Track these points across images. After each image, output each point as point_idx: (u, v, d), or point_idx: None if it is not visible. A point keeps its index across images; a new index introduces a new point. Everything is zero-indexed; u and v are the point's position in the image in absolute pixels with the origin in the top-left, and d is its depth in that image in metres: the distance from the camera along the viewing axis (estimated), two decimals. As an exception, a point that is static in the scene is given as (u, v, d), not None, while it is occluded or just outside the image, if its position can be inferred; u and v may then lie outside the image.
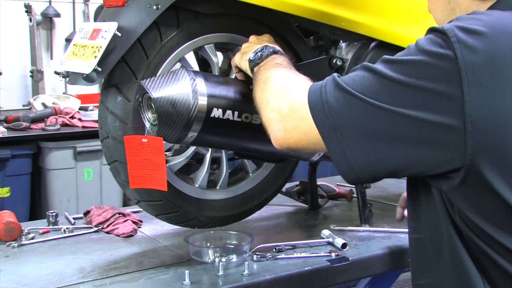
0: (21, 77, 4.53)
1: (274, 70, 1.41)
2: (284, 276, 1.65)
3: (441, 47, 1.09)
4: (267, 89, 1.36)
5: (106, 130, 1.66)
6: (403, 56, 1.13)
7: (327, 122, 1.16)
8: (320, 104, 1.17)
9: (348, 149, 1.15)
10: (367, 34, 1.83)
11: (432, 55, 1.09)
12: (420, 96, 1.09)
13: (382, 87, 1.12)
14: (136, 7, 1.56)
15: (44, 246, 1.87)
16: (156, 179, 1.59)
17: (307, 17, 1.70)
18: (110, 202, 3.72)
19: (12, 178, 3.69)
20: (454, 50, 1.07)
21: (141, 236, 1.97)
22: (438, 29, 1.11)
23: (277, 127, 1.27)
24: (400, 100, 1.10)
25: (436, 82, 1.08)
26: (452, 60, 1.07)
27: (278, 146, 1.29)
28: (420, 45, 1.11)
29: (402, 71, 1.11)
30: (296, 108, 1.24)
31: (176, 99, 1.51)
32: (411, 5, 1.90)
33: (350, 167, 1.16)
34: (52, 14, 4.55)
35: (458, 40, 1.08)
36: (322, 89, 1.19)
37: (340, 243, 1.81)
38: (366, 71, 1.16)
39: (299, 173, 2.41)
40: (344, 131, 1.15)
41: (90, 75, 1.53)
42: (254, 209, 1.95)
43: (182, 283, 1.57)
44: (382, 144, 1.13)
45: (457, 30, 1.09)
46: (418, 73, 1.09)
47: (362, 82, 1.14)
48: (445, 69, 1.07)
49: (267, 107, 1.32)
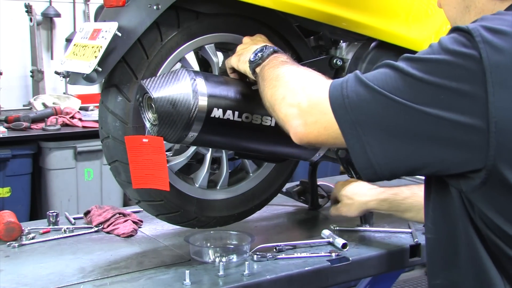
0: (22, 77, 4.54)
1: (283, 67, 1.40)
2: (284, 276, 1.65)
3: (465, 47, 1.08)
4: (281, 86, 1.34)
5: (106, 130, 1.66)
6: (426, 54, 1.12)
7: (348, 117, 1.15)
8: (340, 99, 1.17)
9: (367, 145, 1.14)
10: (368, 34, 1.83)
11: (456, 54, 1.08)
12: (443, 95, 1.08)
13: (405, 84, 1.11)
14: (136, 7, 1.56)
15: (45, 246, 1.87)
16: (158, 179, 1.59)
17: (308, 17, 1.70)
18: (111, 202, 3.72)
19: (13, 178, 3.69)
20: (479, 50, 1.06)
21: (141, 236, 1.97)
22: (463, 28, 1.10)
23: (297, 122, 1.26)
24: (423, 98, 1.09)
25: (460, 82, 1.07)
26: (476, 60, 1.06)
27: (298, 140, 1.27)
28: (444, 44, 1.10)
29: (425, 70, 1.10)
30: (316, 103, 1.23)
31: (176, 99, 1.51)
32: (412, 5, 1.90)
33: (369, 163, 1.15)
34: (53, 14, 4.55)
35: (483, 40, 1.07)
36: (343, 84, 1.18)
37: (341, 243, 1.81)
38: (388, 68, 1.15)
39: (300, 173, 2.41)
40: (364, 126, 1.14)
41: (90, 75, 1.53)
42: (254, 209, 1.95)
43: (183, 283, 1.57)
44: (403, 141, 1.12)
45: (482, 30, 1.08)
46: (441, 72, 1.09)
47: (384, 79, 1.14)
48: (470, 69, 1.07)
49: (284, 103, 1.30)
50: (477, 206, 1.14)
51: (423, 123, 1.10)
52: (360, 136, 1.14)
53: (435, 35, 1.96)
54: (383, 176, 1.17)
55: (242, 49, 1.61)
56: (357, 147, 1.15)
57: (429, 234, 1.29)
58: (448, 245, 1.24)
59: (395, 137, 1.12)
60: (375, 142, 1.14)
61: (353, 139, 1.16)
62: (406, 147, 1.12)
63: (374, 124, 1.13)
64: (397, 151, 1.13)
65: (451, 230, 1.22)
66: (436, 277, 1.29)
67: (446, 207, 1.22)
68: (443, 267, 1.26)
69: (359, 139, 1.15)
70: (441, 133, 1.09)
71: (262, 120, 1.63)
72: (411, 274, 4.37)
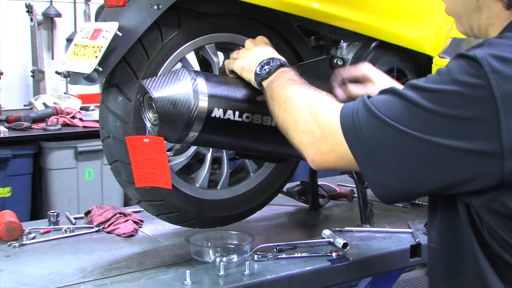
0: (22, 77, 4.53)
1: (292, 88, 1.41)
2: (285, 276, 1.65)
3: (474, 77, 1.08)
4: (292, 111, 1.35)
5: (107, 130, 1.66)
6: (435, 84, 1.12)
7: (362, 150, 1.17)
8: (354, 131, 1.18)
9: (384, 176, 1.16)
10: (368, 34, 1.84)
11: (466, 85, 1.08)
12: (456, 126, 1.09)
13: (416, 115, 1.12)
14: (137, 7, 1.56)
15: (45, 246, 1.87)
16: (160, 177, 1.59)
17: (308, 17, 1.70)
18: (111, 202, 3.72)
19: (13, 178, 3.69)
20: (489, 80, 1.07)
21: (142, 236, 1.98)
22: (471, 56, 1.10)
23: (313, 150, 1.28)
24: (435, 130, 1.10)
25: (471, 111, 1.08)
26: (486, 89, 1.07)
27: (316, 167, 1.30)
28: (453, 74, 1.10)
29: (435, 101, 1.10)
30: (329, 133, 1.24)
31: (177, 99, 1.51)
32: (412, 5, 1.90)
33: (387, 192, 1.18)
34: (53, 14, 4.54)
35: (492, 70, 1.07)
36: (354, 115, 1.19)
37: (341, 243, 1.80)
38: (397, 97, 1.15)
39: (300, 173, 2.41)
40: (379, 158, 1.16)
41: (91, 75, 1.53)
42: (255, 209, 1.95)
43: (183, 283, 1.57)
44: (418, 171, 1.14)
45: (491, 59, 1.08)
46: (452, 103, 1.09)
47: (394, 109, 1.14)
48: (480, 99, 1.07)
49: (297, 130, 1.32)
50: (485, 220, 1.15)
51: (438, 154, 1.11)
52: (376, 168, 1.17)
53: (435, 35, 1.96)
54: (400, 200, 1.23)
55: (246, 54, 1.61)
56: (375, 178, 1.18)
57: (433, 243, 1.30)
58: (452, 256, 1.24)
59: (411, 168, 1.14)
60: (391, 173, 1.16)
61: (369, 171, 1.18)
62: (422, 176, 1.14)
63: (389, 156, 1.15)
64: (413, 180, 1.15)
65: (456, 241, 1.22)
66: (437, 286, 1.30)
67: (453, 219, 1.22)
68: (445, 277, 1.27)
69: (375, 171, 1.17)
70: (456, 162, 1.10)
71: (263, 120, 1.63)
72: (411, 274, 4.37)
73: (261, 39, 1.66)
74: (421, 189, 1.16)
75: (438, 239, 1.27)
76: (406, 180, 1.15)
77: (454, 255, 1.24)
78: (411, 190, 1.17)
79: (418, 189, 1.17)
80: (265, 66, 1.52)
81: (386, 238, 1.94)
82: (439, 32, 1.98)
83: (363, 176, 1.85)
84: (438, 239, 1.27)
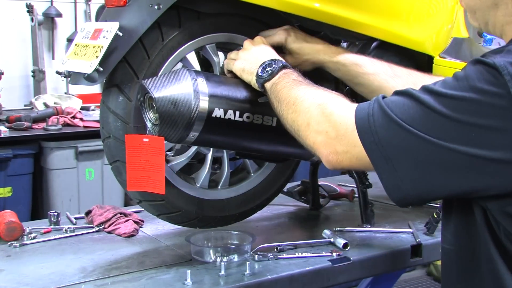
0: (23, 77, 4.54)
1: (299, 89, 1.41)
2: (285, 276, 1.65)
3: (493, 86, 1.08)
4: (302, 112, 1.35)
5: (107, 130, 1.66)
6: (453, 90, 1.12)
7: (379, 153, 1.17)
8: (370, 135, 1.18)
9: (400, 179, 1.16)
10: (369, 34, 1.83)
11: (485, 93, 1.08)
12: (473, 133, 1.09)
13: (432, 121, 1.12)
14: (137, 7, 1.56)
15: (46, 246, 1.87)
16: (154, 182, 1.59)
17: (309, 17, 1.70)
18: (112, 202, 3.71)
19: (14, 178, 3.69)
20: (509, 89, 1.06)
21: (142, 236, 1.98)
22: (490, 63, 1.09)
23: (328, 150, 1.28)
24: (452, 136, 1.10)
25: (489, 119, 1.08)
26: (506, 98, 1.07)
27: (331, 167, 1.30)
28: (472, 81, 1.10)
29: (453, 108, 1.10)
30: (344, 134, 1.24)
31: (177, 99, 1.51)
32: (413, 5, 1.90)
33: (402, 196, 1.18)
34: (54, 14, 4.55)
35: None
36: (370, 118, 1.19)
37: (342, 243, 1.81)
38: (414, 101, 1.15)
39: (301, 173, 2.41)
40: (395, 162, 1.16)
41: (91, 75, 1.53)
42: (255, 209, 1.95)
43: (184, 283, 1.57)
44: (434, 176, 1.14)
45: (510, 68, 1.07)
46: (470, 111, 1.09)
47: (410, 113, 1.14)
48: (500, 107, 1.07)
49: (310, 130, 1.32)
50: (502, 224, 1.15)
51: (454, 160, 1.11)
52: (392, 171, 1.17)
53: (436, 35, 1.96)
54: (415, 204, 1.21)
55: (244, 56, 1.61)
56: (390, 181, 1.18)
57: (447, 245, 1.29)
58: (467, 258, 1.24)
59: (426, 173, 1.14)
60: (407, 177, 1.16)
61: (385, 173, 1.18)
62: (438, 181, 1.14)
63: (405, 160, 1.15)
64: (429, 185, 1.15)
65: (472, 243, 1.22)
66: (452, 287, 1.29)
67: (468, 222, 1.22)
68: (460, 278, 1.26)
69: (391, 174, 1.17)
70: (473, 169, 1.10)
71: (263, 120, 1.63)
72: (412, 274, 4.37)
73: (260, 39, 1.66)
74: (436, 193, 1.17)
75: (453, 240, 1.27)
76: (421, 185, 1.15)
77: (469, 257, 1.23)
78: (426, 195, 1.17)
79: (433, 194, 1.17)
80: (267, 67, 1.52)
81: (386, 238, 1.94)
82: (440, 32, 1.97)
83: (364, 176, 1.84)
84: (453, 241, 1.27)
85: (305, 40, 1.69)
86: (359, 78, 1.66)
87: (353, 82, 1.69)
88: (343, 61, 1.67)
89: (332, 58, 1.68)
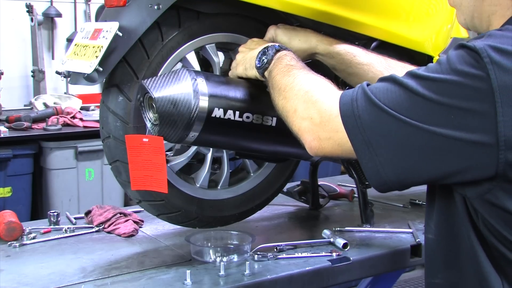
0: (23, 77, 4.54)
1: (291, 74, 1.41)
2: (285, 276, 1.65)
3: (473, 67, 1.09)
4: (291, 98, 1.36)
5: (107, 130, 1.66)
6: (435, 73, 1.13)
7: (360, 137, 1.18)
8: (352, 119, 1.19)
9: (380, 164, 1.17)
10: (369, 34, 1.83)
11: (465, 75, 1.09)
12: (453, 115, 1.09)
13: (414, 104, 1.13)
14: (137, 7, 1.57)
15: (46, 246, 1.87)
16: (156, 181, 1.59)
17: (309, 17, 1.70)
18: (111, 202, 3.72)
19: (14, 178, 3.69)
20: (488, 71, 1.07)
21: (142, 236, 1.98)
22: (470, 46, 1.10)
23: (311, 136, 1.29)
24: (432, 119, 1.11)
25: (469, 101, 1.08)
26: (485, 80, 1.07)
27: (313, 154, 1.31)
28: (453, 64, 1.11)
29: (434, 90, 1.11)
30: (328, 120, 1.25)
31: (177, 99, 1.51)
32: (412, 5, 1.90)
33: (382, 181, 1.19)
34: (54, 14, 4.55)
35: (491, 61, 1.08)
36: (353, 103, 1.20)
37: (341, 243, 1.81)
38: (397, 85, 1.16)
39: (300, 173, 2.41)
40: (376, 146, 1.16)
41: (91, 75, 1.53)
42: (255, 209, 1.95)
43: (183, 283, 1.57)
44: (414, 160, 1.14)
45: (490, 50, 1.08)
46: (451, 93, 1.10)
47: (393, 97, 1.15)
48: (478, 89, 1.08)
49: (296, 116, 1.33)
50: (480, 213, 1.15)
51: (434, 143, 1.12)
52: (372, 156, 1.17)
53: (436, 35, 1.96)
54: (395, 189, 1.21)
55: (242, 57, 1.63)
56: (371, 167, 1.18)
57: (430, 234, 1.30)
58: (450, 247, 1.25)
59: (407, 156, 1.15)
60: (387, 162, 1.16)
61: (366, 159, 1.18)
62: (418, 165, 1.15)
63: (386, 144, 1.15)
64: (409, 169, 1.16)
65: (453, 233, 1.23)
66: (434, 276, 1.30)
67: (450, 211, 1.23)
68: (442, 267, 1.27)
69: (371, 159, 1.17)
70: (452, 152, 1.11)
71: (263, 120, 1.63)
72: (412, 274, 4.36)
73: (251, 40, 1.68)
74: (416, 178, 1.17)
75: (435, 230, 1.28)
76: (401, 169, 1.16)
77: (451, 246, 1.24)
78: (406, 179, 1.17)
79: (413, 178, 1.17)
80: (262, 57, 1.53)
81: (386, 238, 1.94)
82: (439, 32, 1.98)
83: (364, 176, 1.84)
84: (435, 230, 1.28)
85: (295, 30, 1.69)
86: (353, 67, 1.65)
87: (347, 72, 1.68)
88: (338, 49, 1.66)
89: (326, 46, 1.67)
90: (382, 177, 1.17)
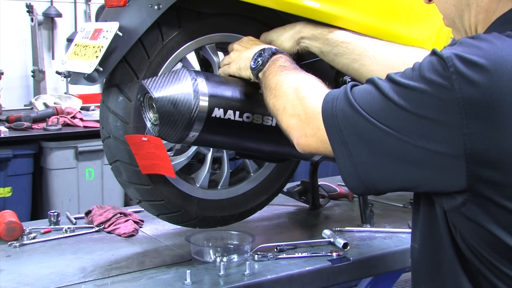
0: (23, 77, 4.54)
1: (282, 74, 1.42)
2: (285, 276, 1.65)
3: (440, 76, 1.06)
4: (281, 96, 1.37)
5: (107, 130, 1.66)
6: (407, 79, 1.11)
7: (337, 136, 1.17)
8: (331, 118, 1.18)
9: (355, 165, 1.16)
10: (369, 34, 1.83)
11: (432, 84, 1.07)
12: (420, 124, 1.08)
13: (385, 108, 1.12)
14: (137, 7, 1.57)
15: (46, 246, 1.87)
16: (163, 168, 1.62)
17: (309, 17, 1.70)
18: (112, 202, 3.72)
19: (14, 178, 3.69)
20: (452, 82, 1.05)
21: (142, 236, 1.98)
22: (439, 54, 1.08)
23: (298, 133, 1.29)
24: (401, 126, 1.10)
25: (434, 111, 1.06)
26: (449, 90, 1.05)
27: (301, 150, 1.31)
28: (422, 71, 1.09)
29: (404, 96, 1.10)
30: (312, 116, 1.26)
31: (177, 99, 1.51)
32: (412, 5, 1.90)
33: (356, 183, 1.17)
34: (54, 14, 4.55)
35: (456, 71, 1.05)
36: (334, 102, 1.19)
37: (341, 243, 1.81)
38: (374, 87, 1.15)
39: (301, 173, 2.41)
40: (352, 147, 1.15)
41: (91, 75, 1.53)
42: (255, 209, 1.95)
43: (184, 283, 1.57)
44: (386, 164, 1.13)
45: (456, 60, 1.06)
46: (418, 102, 1.08)
47: (369, 99, 1.14)
48: (443, 100, 1.06)
49: (285, 114, 1.34)
50: (457, 226, 1.15)
51: (403, 149, 1.10)
52: (348, 156, 1.16)
53: (435, 35, 1.96)
54: (371, 193, 1.19)
55: (237, 56, 1.63)
56: (346, 166, 1.17)
57: (415, 244, 1.30)
58: (432, 258, 1.24)
59: (380, 159, 1.13)
60: (361, 163, 1.15)
61: (342, 158, 1.18)
62: (391, 169, 1.13)
63: (360, 146, 1.14)
64: (382, 173, 1.14)
65: (436, 243, 1.22)
66: (418, 286, 1.30)
67: (433, 221, 1.22)
68: (426, 277, 1.27)
69: (347, 159, 1.17)
70: (420, 160, 1.09)
71: (263, 120, 1.63)
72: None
73: (248, 39, 1.68)
74: (388, 183, 1.15)
75: (420, 239, 1.27)
76: (374, 173, 1.15)
77: (433, 257, 1.23)
78: (379, 183, 1.16)
79: (385, 183, 1.15)
80: (257, 58, 1.54)
81: (386, 238, 1.94)
82: (439, 32, 1.97)
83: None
84: (420, 240, 1.27)
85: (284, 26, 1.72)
86: (338, 47, 1.65)
87: (333, 53, 1.67)
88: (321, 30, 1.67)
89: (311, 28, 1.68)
90: (357, 178, 1.16)
